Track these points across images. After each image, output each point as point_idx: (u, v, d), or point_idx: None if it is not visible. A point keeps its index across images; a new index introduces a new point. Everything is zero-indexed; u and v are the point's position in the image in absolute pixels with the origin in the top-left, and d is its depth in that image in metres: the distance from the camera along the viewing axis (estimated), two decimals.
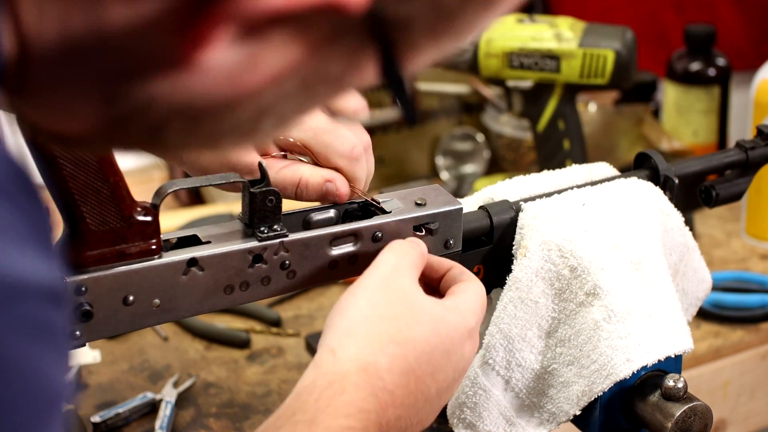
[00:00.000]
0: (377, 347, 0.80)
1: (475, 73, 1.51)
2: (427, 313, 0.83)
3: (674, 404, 0.93)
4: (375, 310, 0.82)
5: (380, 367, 0.79)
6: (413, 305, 0.83)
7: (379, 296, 0.83)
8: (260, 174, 0.89)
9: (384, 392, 0.79)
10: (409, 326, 0.81)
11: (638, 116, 1.75)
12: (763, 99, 1.53)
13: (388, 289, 0.83)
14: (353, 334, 0.81)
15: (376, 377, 0.79)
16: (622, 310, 0.93)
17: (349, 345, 0.80)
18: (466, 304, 0.85)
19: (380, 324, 0.81)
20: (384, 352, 0.80)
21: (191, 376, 1.25)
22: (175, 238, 0.87)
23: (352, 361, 0.79)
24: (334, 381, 0.78)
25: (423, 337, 0.82)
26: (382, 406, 0.78)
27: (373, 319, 0.81)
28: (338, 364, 0.79)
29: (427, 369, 0.81)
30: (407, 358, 0.81)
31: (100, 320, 0.82)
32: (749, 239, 1.56)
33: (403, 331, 0.81)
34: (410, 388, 0.80)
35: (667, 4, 1.92)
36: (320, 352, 0.81)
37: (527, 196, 0.99)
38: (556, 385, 0.96)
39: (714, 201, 1.09)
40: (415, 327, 0.82)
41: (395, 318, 0.82)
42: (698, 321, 1.36)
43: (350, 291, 0.84)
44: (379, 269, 0.85)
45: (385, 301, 0.82)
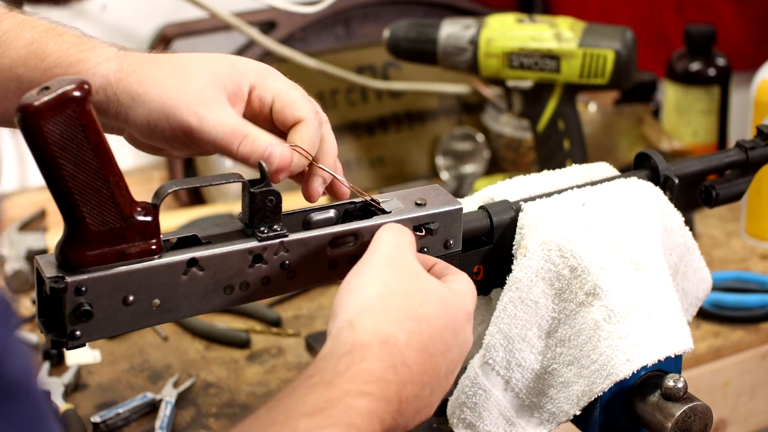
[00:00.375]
0: (395, 322, 0.80)
1: (475, 73, 1.51)
2: (435, 292, 0.83)
3: (674, 404, 0.93)
4: (388, 287, 0.82)
5: (400, 342, 0.79)
6: (422, 283, 0.83)
7: (389, 273, 0.83)
8: (260, 174, 0.89)
9: (404, 367, 0.79)
10: (421, 303, 0.82)
11: (638, 116, 1.75)
12: (763, 99, 1.53)
13: (395, 266, 0.83)
14: (370, 309, 0.81)
15: (397, 350, 0.79)
16: (622, 310, 0.93)
17: (367, 319, 0.80)
18: (463, 289, 0.85)
19: (395, 300, 0.81)
20: (402, 327, 0.80)
21: (191, 376, 1.25)
22: (175, 238, 0.87)
23: (373, 334, 0.79)
24: (353, 350, 0.78)
25: (435, 315, 0.82)
26: (402, 380, 0.78)
27: (388, 295, 0.81)
28: (358, 336, 0.79)
29: (440, 347, 0.82)
30: (423, 335, 0.81)
31: (100, 320, 0.82)
32: (749, 239, 1.56)
33: (417, 308, 0.81)
34: (426, 365, 0.80)
35: (667, 4, 1.91)
36: (337, 326, 0.81)
37: (527, 196, 0.99)
38: (556, 385, 0.96)
39: (714, 201, 1.09)
40: (426, 304, 0.82)
41: (407, 295, 0.82)
42: (698, 321, 1.36)
43: (357, 270, 0.84)
44: (381, 247, 0.85)
45: (396, 278, 0.82)
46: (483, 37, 1.48)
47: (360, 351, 0.78)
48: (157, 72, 0.91)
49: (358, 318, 0.80)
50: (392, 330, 0.80)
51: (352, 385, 0.76)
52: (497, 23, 1.49)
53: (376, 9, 1.79)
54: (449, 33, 1.50)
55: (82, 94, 0.78)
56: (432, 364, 0.81)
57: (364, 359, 0.77)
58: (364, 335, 0.79)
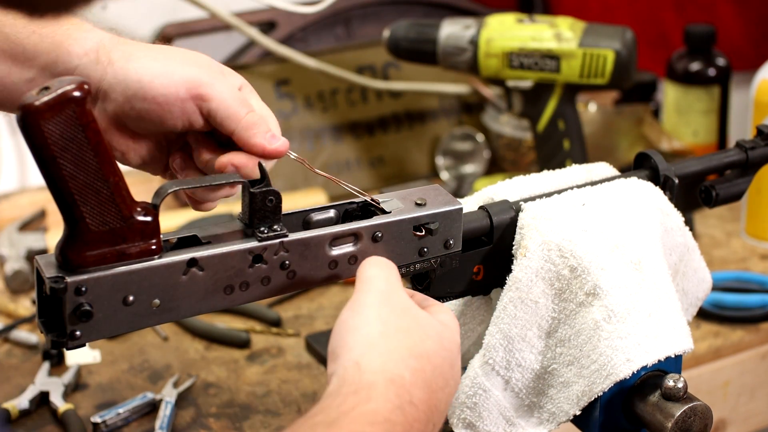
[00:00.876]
0: (400, 361, 0.79)
1: (475, 73, 1.51)
2: (432, 327, 0.82)
3: (674, 404, 0.93)
4: (387, 326, 0.81)
5: (406, 381, 0.78)
6: (418, 319, 0.82)
7: (386, 311, 0.82)
8: (260, 174, 0.89)
9: (411, 406, 0.78)
10: (422, 340, 0.81)
11: (638, 116, 1.75)
12: (763, 99, 1.53)
13: (390, 303, 0.82)
14: (374, 348, 0.79)
15: (404, 390, 0.78)
16: (622, 310, 0.93)
17: (373, 358, 0.79)
18: (450, 320, 0.85)
19: (396, 338, 0.80)
20: (407, 366, 0.79)
21: (191, 376, 1.25)
22: (175, 238, 0.87)
23: (379, 373, 0.78)
24: (360, 389, 0.77)
25: (434, 350, 0.81)
26: (408, 420, 0.77)
27: (389, 334, 0.80)
28: (364, 375, 0.78)
29: (440, 382, 0.81)
30: (426, 372, 0.80)
31: (100, 320, 0.82)
32: (749, 239, 1.56)
33: (418, 345, 0.81)
34: (430, 402, 0.80)
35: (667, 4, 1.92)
36: (342, 366, 0.79)
37: (527, 196, 0.99)
38: (556, 385, 0.96)
39: (714, 201, 1.09)
40: (426, 341, 0.81)
41: (408, 332, 0.81)
42: (698, 321, 1.36)
43: (353, 310, 0.82)
44: (374, 284, 0.83)
45: (394, 316, 0.82)
46: (483, 37, 1.48)
47: (367, 391, 0.76)
48: (156, 47, 0.94)
49: (363, 357, 0.79)
50: (398, 369, 0.79)
51: (357, 426, 0.74)
52: (497, 23, 1.49)
53: (376, 9, 1.79)
54: (449, 33, 1.50)
55: (82, 94, 0.78)
56: (435, 400, 0.80)
57: (371, 399, 0.76)
58: (370, 375, 0.77)
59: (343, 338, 0.81)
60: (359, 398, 0.76)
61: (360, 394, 0.76)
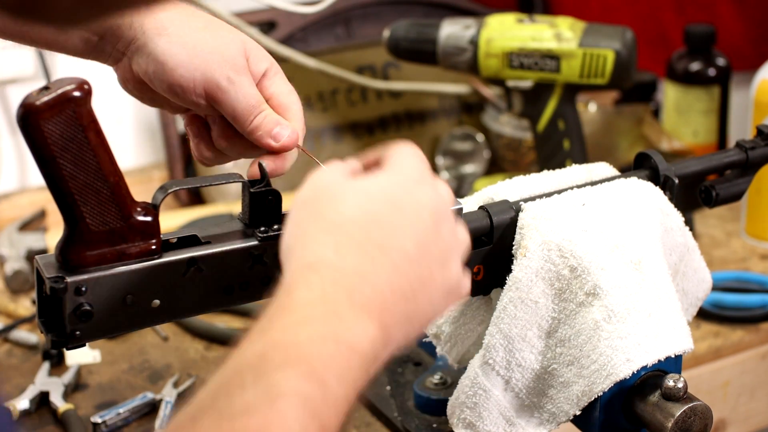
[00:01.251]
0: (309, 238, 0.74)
1: (475, 73, 1.51)
2: (350, 190, 0.76)
3: (674, 404, 0.93)
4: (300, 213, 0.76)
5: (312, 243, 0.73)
6: (333, 187, 0.76)
7: (300, 206, 0.77)
8: (260, 174, 0.89)
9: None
10: (335, 209, 0.75)
11: (638, 116, 1.75)
12: (763, 99, 1.53)
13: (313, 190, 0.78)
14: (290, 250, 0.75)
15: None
16: (622, 310, 0.93)
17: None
18: (397, 162, 0.79)
19: (307, 217, 0.76)
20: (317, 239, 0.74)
21: (191, 376, 1.25)
22: (175, 238, 0.87)
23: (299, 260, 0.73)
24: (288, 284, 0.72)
25: (352, 204, 0.74)
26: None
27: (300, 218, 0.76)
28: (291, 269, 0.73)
29: (378, 231, 0.74)
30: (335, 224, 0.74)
31: (100, 320, 0.82)
32: (749, 239, 1.56)
33: (330, 214, 0.75)
34: (371, 237, 0.73)
35: (667, 4, 1.91)
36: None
37: (527, 196, 0.99)
38: (556, 385, 0.96)
39: (714, 201, 1.09)
40: (340, 206, 0.75)
41: (317, 206, 0.76)
42: (698, 321, 1.36)
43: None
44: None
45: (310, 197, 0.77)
46: (483, 37, 1.48)
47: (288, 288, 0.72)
48: (191, 21, 0.94)
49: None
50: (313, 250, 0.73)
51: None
52: (497, 23, 1.49)
53: (376, 9, 1.79)
54: (449, 33, 1.50)
55: (82, 94, 0.78)
56: (385, 240, 0.73)
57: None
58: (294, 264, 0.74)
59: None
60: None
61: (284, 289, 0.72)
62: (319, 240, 0.73)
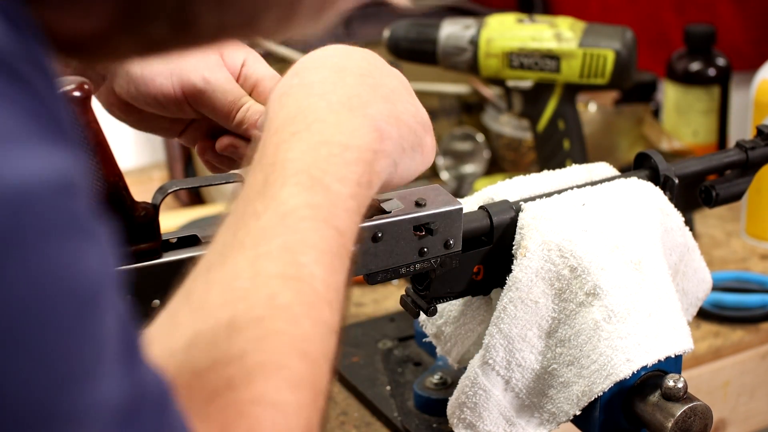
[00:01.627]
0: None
1: (475, 73, 1.51)
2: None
3: (674, 404, 0.93)
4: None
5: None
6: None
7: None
8: None
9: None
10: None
11: (638, 116, 1.75)
12: (763, 99, 1.53)
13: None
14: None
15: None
16: (622, 310, 0.93)
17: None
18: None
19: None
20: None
21: None
22: (175, 238, 0.87)
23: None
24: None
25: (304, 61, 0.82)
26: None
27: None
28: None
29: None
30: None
31: None
32: (749, 239, 1.56)
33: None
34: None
35: (667, 4, 1.92)
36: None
37: (527, 196, 0.99)
38: (556, 386, 0.96)
39: (714, 201, 1.09)
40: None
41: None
42: (698, 321, 1.36)
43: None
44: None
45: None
46: (483, 37, 1.48)
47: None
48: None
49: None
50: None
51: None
52: (497, 23, 1.49)
53: (376, 9, 1.79)
54: (449, 33, 1.50)
55: (82, 94, 0.78)
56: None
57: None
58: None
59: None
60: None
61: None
62: (288, 77, 0.78)
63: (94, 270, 0.48)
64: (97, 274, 0.48)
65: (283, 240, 0.66)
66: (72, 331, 0.47)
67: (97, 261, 0.48)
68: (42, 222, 0.45)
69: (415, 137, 0.79)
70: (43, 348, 0.46)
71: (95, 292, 0.48)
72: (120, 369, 0.50)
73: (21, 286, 0.45)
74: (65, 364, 0.47)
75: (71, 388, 0.47)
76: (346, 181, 0.70)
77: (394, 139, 0.76)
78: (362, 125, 0.74)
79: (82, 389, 0.47)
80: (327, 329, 0.66)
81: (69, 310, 0.47)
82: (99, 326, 0.48)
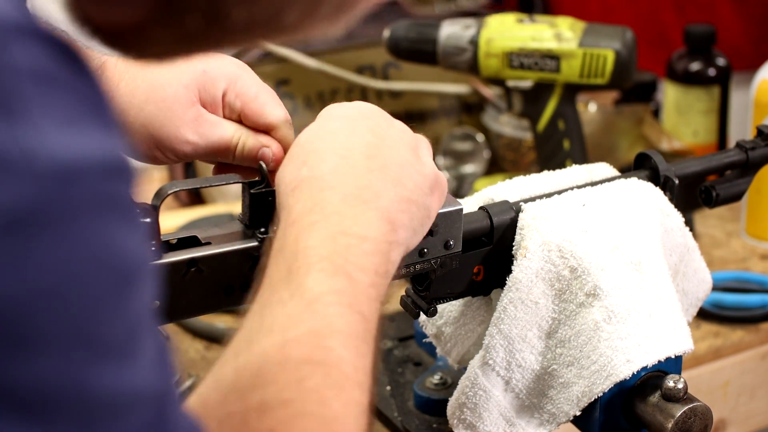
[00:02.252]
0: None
1: (475, 73, 1.51)
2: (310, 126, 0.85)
3: (674, 405, 0.93)
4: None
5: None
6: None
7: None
8: (260, 175, 0.89)
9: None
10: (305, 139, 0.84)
11: (638, 116, 1.75)
12: (763, 99, 1.53)
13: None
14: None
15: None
16: (622, 311, 0.93)
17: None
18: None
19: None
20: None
21: (191, 376, 1.25)
22: (175, 239, 0.87)
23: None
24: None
25: (313, 129, 0.84)
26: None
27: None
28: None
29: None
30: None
31: None
32: (749, 239, 1.56)
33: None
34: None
35: (667, 4, 1.92)
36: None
37: (527, 196, 0.99)
38: (556, 386, 0.96)
39: (714, 201, 1.09)
40: (304, 135, 0.84)
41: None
42: (698, 321, 1.36)
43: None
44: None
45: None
46: (483, 37, 1.48)
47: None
48: (135, 99, 0.92)
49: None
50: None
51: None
52: (497, 23, 1.49)
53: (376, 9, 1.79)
54: (449, 33, 1.50)
55: None
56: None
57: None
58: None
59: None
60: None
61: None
62: (295, 169, 0.79)
63: (133, 251, 0.50)
64: (135, 255, 0.50)
65: (311, 325, 0.69)
66: (108, 306, 0.49)
67: (136, 244, 0.50)
68: (88, 198, 0.48)
69: (424, 211, 0.81)
70: (79, 321, 0.47)
71: (132, 272, 0.50)
72: (150, 361, 0.52)
73: (62, 257, 0.46)
74: (101, 339, 0.48)
75: (107, 365, 0.48)
76: (366, 270, 0.73)
77: (406, 224, 0.78)
78: (376, 218, 0.76)
79: (118, 368, 0.49)
80: (359, 410, 0.67)
81: (106, 284, 0.48)
82: (134, 307, 0.50)
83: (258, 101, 0.94)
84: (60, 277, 0.47)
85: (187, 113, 0.92)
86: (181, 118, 0.91)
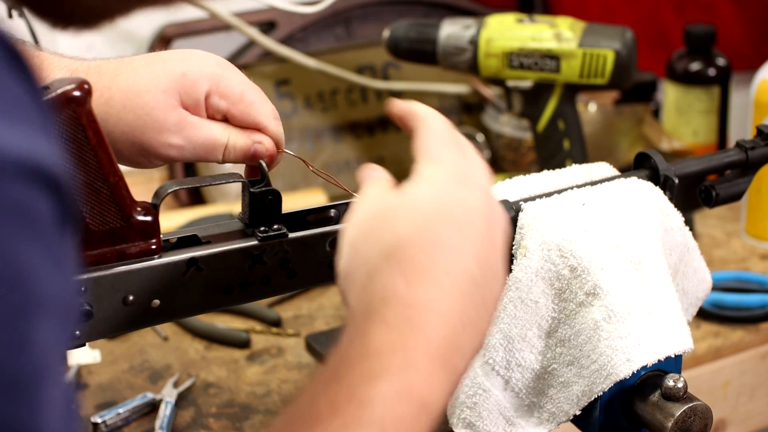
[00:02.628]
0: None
1: (475, 73, 1.51)
2: (399, 207, 0.72)
3: (674, 404, 0.93)
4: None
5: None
6: (383, 206, 0.73)
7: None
8: (260, 174, 0.89)
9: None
10: (390, 229, 0.71)
11: (638, 116, 1.75)
12: (763, 99, 1.53)
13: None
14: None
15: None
16: (621, 310, 0.93)
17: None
18: (433, 157, 0.76)
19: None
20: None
21: (191, 376, 1.25)
22: (175, 238, 0.87)
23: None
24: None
25: (406, 222, 0.70)
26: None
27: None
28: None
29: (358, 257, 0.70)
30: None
31: (100, 320, 0.82)
32: (749, 239, 1.56)
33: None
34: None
35: (667, 4, 1.91)
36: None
37: (527, 196, 0.99)
38: (556, 385, 0.96)
39: (714, 201, 1.09)
40: (394, 225, 0.70)
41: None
42: (698, 321, 1.36)
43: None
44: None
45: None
46: (483, 37, 1.48)
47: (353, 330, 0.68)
48: (111, 108, 0.90)
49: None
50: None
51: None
52: (497, 23, 1.49)
53: (376, 9, 1.79)
54: (449, 33, 1.50)
55: (82, 94, 0.78)
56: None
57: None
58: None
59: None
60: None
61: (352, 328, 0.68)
62: (385, 269, 0.68)
63: (43, 278, 0.42)
64: (46, 282, 0.42)
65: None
66: (3, 329, 0.41)
67: (48, 271, 0.42)
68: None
69: (488, 323, 0.72)
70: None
71: (39, 300, 0.42)
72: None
73: None
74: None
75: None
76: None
77: (462, 376, 0.70)
78: (448, 384, 0.67)
79: (12, 404, 0.42)
80: None
81: (1, 303, 0.40)
82: (39, 340, 0.42)
83: (244, 101, 0.92)
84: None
85: (169, 118, 0.89)
86: (163, 124, 0.89)
